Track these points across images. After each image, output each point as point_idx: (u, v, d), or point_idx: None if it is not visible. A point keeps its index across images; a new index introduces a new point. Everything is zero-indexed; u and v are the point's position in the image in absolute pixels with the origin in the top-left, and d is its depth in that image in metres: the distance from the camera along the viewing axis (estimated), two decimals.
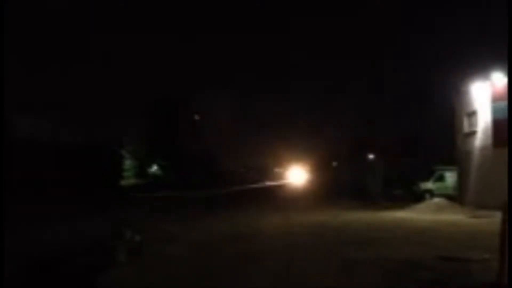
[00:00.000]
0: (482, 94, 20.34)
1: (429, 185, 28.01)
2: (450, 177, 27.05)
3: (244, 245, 10.48)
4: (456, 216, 16.91)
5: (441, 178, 28.16)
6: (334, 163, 64.64)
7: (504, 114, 18.00)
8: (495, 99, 19.18)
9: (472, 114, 21.63)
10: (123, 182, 36.04)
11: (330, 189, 36.71)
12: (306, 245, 10.48)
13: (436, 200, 21.36)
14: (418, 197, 25.54)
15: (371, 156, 46.48)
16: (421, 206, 20.65)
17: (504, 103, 18.24)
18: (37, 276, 7.36)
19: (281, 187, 51.35)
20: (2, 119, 18.27)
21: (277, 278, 7.29)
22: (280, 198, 31.35)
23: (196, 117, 51.34)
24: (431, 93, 43.89)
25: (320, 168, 68.14)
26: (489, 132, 19.46)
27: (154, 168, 47.94)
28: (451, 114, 24.47)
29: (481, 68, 20.50)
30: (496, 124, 18.90)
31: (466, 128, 22.47)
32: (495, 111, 19.09)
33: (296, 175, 79.72)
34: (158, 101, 46.65)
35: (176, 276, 7.50)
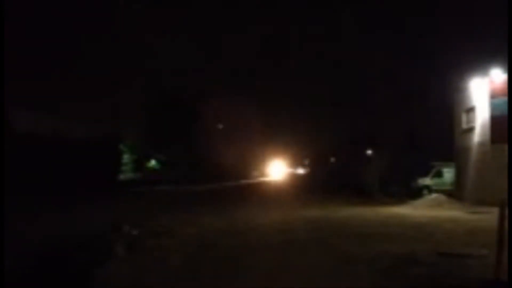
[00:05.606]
0: (480, 90, 20.35)
1: (427, 181, 28.09)
2: (448, 173, 27.13)
3: (241, 239, 10.49)
4: (454, 212, 16.95)
5: (439, 174, 28.24)
6: (332, 159, 64.82)
7: (503, 111, 18.01)
8: (493, 95, 19.19)
9: (470, 110, 21.65)
10: (121, 176, 36.04)
11: (327, 184, 36.75)
12: (303, 241, 10.49)
13: (434, 196, 21.43)
14: (416, 193, 25.60)
15: (369, 152, 46.58)
16: (419, 202, 20.72)
17: (503, 100, 18.25)
18: (36, 270, 7.35)
19: (277, 182, 51.41)
20: (2, 114, 18.19)
21: (273, 272, 7.30)
22: (277, 193, 31.39)
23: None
24: (429, 89, 43.83)
25: (318, 163, 68.35)
26: (487, 128, 19.47)
27: (152, 162, 47.96)
28: (449, 110, 24.52)
29: (479, 64, 20.53)
30: (494, 120, 18.92)
31: (464, 124, 22.50)
32: (493, 107, 19.10)
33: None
34: (159, 96, 46.62)
35: (173, 270, 7.51)
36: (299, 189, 34.94)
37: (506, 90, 18.22)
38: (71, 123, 28.65)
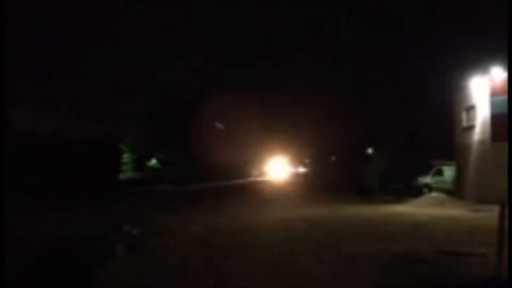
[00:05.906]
0: (480, 88, 20.34)
1: (427, 179, 28.04)
2: (449, 172, 27.08)
3: (241, 238, 10.48)
4: (454, 211, 16.94)
5: (439, 173, 28.19)
6: (332, 157, 64.74)
7: (503, 109, 17.99)
8: (493, 94, 19.19)
9: (471, 108, 21.62)
10: (121, 176, 36.05)
11: (328, 183, 36.72)
12: (303, 239, 10.48)
13: (435, 194, 21.42)
14: (417, 191, 25.58)
15: (369, 150, 46.51)
16: (420, 200, 20.69)
17: (503, 98, 18.25)
18: (36, 270, 7.35)
19: (277, 181, 51.39)
20: (2, 114, 18.20)
21: (273, 271, 7.29)
22: (277, 191, 31.37)
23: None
24: (429, 89, 43.81)
25: (318, 162, 68.23)
26: (487, 126, 19.46)
27: (153, 162, 47.96)
28: (449, 109, 24.48)
29: (479, 62, 20.51)
30: (495, 118, 18.91)
31: (464, 123, 22.47)
32: (493, 105, 19.09)
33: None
34: (159, 96, 46.65)
35: (173, 270, 7.49)
36: (299, 188, 34.96)
37: (506, 88, 18.22)
38: (71, 123, 28.68)
